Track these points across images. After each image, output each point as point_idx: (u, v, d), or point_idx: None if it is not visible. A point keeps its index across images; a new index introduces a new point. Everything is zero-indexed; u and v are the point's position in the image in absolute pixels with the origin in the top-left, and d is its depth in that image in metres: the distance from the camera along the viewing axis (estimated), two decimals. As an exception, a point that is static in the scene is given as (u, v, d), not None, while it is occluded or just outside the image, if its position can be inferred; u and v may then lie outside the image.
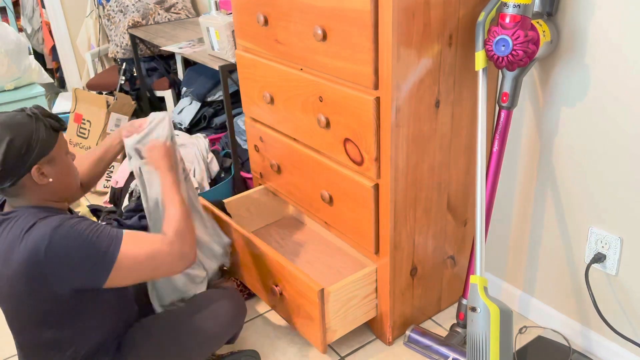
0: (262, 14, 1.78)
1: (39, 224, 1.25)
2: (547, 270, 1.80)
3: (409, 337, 1.76)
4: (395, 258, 1.69)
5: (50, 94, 4.24)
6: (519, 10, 1.38)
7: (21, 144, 1.25)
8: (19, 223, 1.27)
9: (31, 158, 1.27)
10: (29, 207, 1.32)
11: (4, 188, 1.29)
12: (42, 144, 1.28)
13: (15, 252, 1.24)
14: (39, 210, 1.31)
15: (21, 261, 1.24)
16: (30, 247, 1.23)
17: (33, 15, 4.40)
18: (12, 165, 1.25)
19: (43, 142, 1.29)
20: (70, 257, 1.24)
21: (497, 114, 1.58)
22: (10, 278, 1.27)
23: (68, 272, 1.25)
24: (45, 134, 1.29)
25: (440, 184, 1.70)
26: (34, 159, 1.27)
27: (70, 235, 1.24)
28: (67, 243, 1.24)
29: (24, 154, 1.26)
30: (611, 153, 1.51)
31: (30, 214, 1.29)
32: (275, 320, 1.98)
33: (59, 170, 1.34)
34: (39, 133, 1.28)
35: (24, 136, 1.26)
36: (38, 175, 1.29)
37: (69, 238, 1.24)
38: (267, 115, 1.98)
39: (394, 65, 1.41)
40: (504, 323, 1.47)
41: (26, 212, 1.30)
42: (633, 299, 1.58)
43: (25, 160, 1.26)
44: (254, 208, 2.21)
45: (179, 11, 3.38)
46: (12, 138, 1.24)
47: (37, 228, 1.25)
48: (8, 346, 1.94)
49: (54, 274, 1.24)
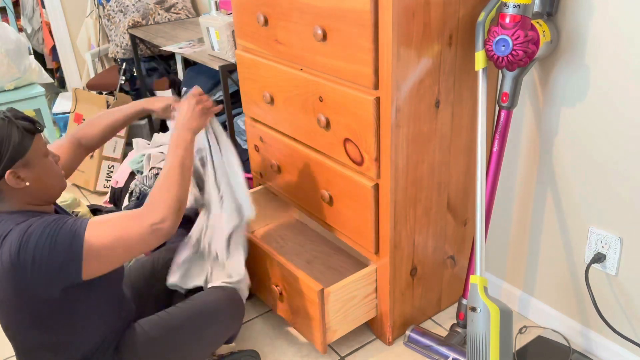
0: (262, 14, 1.78)
1: (14, 230, 1.24)
2: (547, 270, 1.80)
3: (409, 337, 1.76)
4: (395, 258, 1.69)
5: (50, 94, 4.24)
6: (519, 10, 1.38)
7: None
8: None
9: (2, 163, 1.24)
10: (10, 212, 1.30)
11: None
12: (15, 148, 1.25)
13: None
14: (19, 215, 1.28)
15: (1, 269, 1.23)
16: (6, 254, 1.22)
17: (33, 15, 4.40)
18: None
19: (16, 146, 1.25)
20: (40, 258, 1.21)
21: (497, 114, 1.58)
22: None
23: (44, 273, 1.22)
24: (19, 137, 1.25)
25: (440, 184, 1.70)
26: (6, 164, 1.24)
27: (35, 236, 1.22)
28: (35, 244, 1.21)
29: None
30: (611, 153, 1.51)
31: (10, 220, 1.27)
32: (275, 320, 1.98)
33: (37, 173, 1.30)
34: (11, 137, 1.25)
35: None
36: (14, 180, 1.26)
37: (34, 239, 1.22)
38: (267, 115, 1.98)
39: (394, 65, 1.41)
40: (504, 323, 1.47)
41: (6, 217, 1.28)
42: (633, 299, 1.58)
43: None
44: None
45: (179, 11, 3.38)
46: None
47: (11, 234, 1.23)
48: (8, 346, 1.94)
49: (33, 277, 1.22)
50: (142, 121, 3.37)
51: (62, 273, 1.23)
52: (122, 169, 2.60)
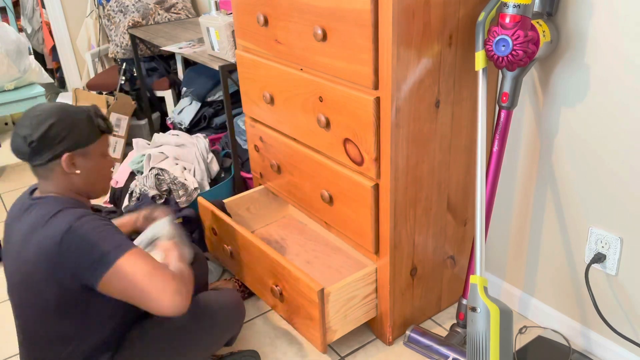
0: (262, 14, 1.78)
1: (64, 212, 1.32)
2: (547, 270, 1.80)
3: (409, 337, 1.76)
4: (395, 258, 1.69)
5: (50, 94, 4.24)
6: (519, 11, 1.38)
7: (62, 129, 1.34)
8: (45, 208, 1.34)
9: (65, 145, 1.35)
10: (55, 195, 1.38)
11: (35, 166, 1.36)
12: (81, 136, 1.37)
13: (36, 235, 1.30)
14: (66, 200, 1.37)
15: (38, 246, 1.29)
16: (50, 232, 1.28)
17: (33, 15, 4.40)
18: (47, 145, 1.33)
19: (83, 135, 1.37)
20: (79, 249, 1.28)
21: (497, 114, 1.58)
22: (27, 261, 1.31)
23: (74, 263, 1.28)
24: (89, 129, 1.38)
25: (440, 184, 1.70)
26: (68, 146, 1.35)
27: (86, 228, 1.29)
28: (81, 234, 1.28)
29: (61, 139, 1.34)
30: (611, 153, 1.51)
31: (58, 202, 1.35)
32: (275, 320, 1.98)
33: (90, 167, 1.41)
34: (82, 126, 1.37)
35: (67, 124, 1.35)
36: (69, 164, 1.36)
37: (84, 230, 1.29)
38: (267, 115, 1.98)
39: (394, 65, 1.41)
40: (504, 323, 1.47)
41: (54, 199, 1.36)
42: (633, 299, 1.58)
43: (59, 144, 1.34)
44: (254, 208, 2.21)
45: (179, 11, 3.38)
46: (55, 122, 1.33)
47: (62, 215, 1.31)
48: (8, 346, 1.94)
49: (64, 263, 1.28)
50: (142, 121, 3.37)
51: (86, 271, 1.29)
52: (122, 169, 2.60)
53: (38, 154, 1.34)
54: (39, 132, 1.32)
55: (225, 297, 1.62)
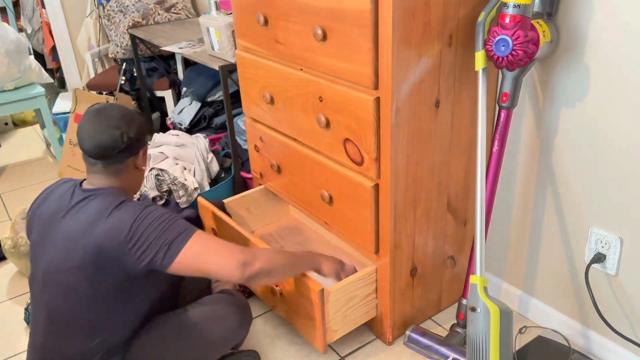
0: (262, 14, 1.78)
1: (128, 204, 1.38)
2: (547, 270, 1.80)
3: (409, 337, 1.76)
4: (395, 258, 1.69)
5: (50, 94, 4.24)
6: (519, 11, 1.38)
7: (145, 127, 1.48)
8: (106, 199, 1.39)
9: (143, 142, 1.47)
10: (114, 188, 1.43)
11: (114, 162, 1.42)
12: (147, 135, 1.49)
13: (100, 224, 1.33)
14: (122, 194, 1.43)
15: (104, 233, 1.32)
16: (116, 222, 1.33)
17: (33, 15, 4.40)
18: (138, 140, 1.44)
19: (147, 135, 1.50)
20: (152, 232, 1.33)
21: (497, 114, 1.58)
22: (86, 247, 1.33)
23: (145, 248, 1.32)
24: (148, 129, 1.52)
25: (440, 184, 1.70)
26: (143, 144, 1.47)
27: (156, 214, 1.36)
28: (153, 220, 1.35)
29: (144, 136, 1.47)
30: (611, 153, 1.51)
31: (116, 194, 1.41)
32: (275, 320, 1.98)
33: (144, 163, 1.52)
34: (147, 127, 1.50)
35: (144, 123, 1.48)
36: (142, 158, 1.48)
37: (155, 216, 1.36)
38: (267, 115, 1.98)
39: (394, 65, 1.41)
40: (504, 323, 1.47)
41: (113, 192, 1.41)
42: (633, 299, 1.58)
43: (142, 141, 1.46)
44: (254, 208, 2.21)
45: (179, 11, 3.38)
46: (141, 120, 1.45)
47: (126, 206, 1.37)
48: (8, 346, 1.94)
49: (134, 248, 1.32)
50: (142, 121, 3.37)
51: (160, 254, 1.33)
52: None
53: (129, 149, 1.42)
54: (134, 128, 1.41)
55: (233, 302, 1.62)
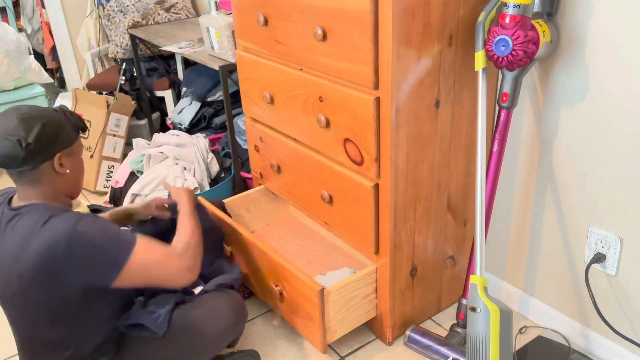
0: (262, 14, 1.78)
1: (55, 219, 1.30)
2: (547, 270, 1.80)
3: (409, 337, 1.76)
4: (395, 258, 1.69)
5: (50, 94, 4.23)
6: (519, 11, 1.38)
7: (52, 129, 1.34)
8: (32, 217, 1.31)
9: (57, 145, 1.35)
10: (39, 202, 1.36)
11: (25, 171, 1.33)
12: (67, 135, 1.38)
13: (30, 246, 1.27)
14: (51, 206, 1.35)
15: (36, 255, 1.26)
16: (46, 242, 1.26)
17: (33, 15, 4.40)
18: (42, 146, 1.32)
19: (68, 135, 1.38)
20: (88, 254, 1.28)
21: (497, 114, 1.58)
22: (22, 273, 1.29)
23: (82, 269, 1.28)
24: (70, 128, 1.39)
25: (440, 184, 1.70)
26: (58, 147, 1.35)
27: (89, 233, 1.29)
28: (87, 240, 1.28)
29: (53, 139, 1.34)
30: (611, 153, 1.51)
31: (44, 209, 1.33)
32: (275, 320, 1.98)
33: (75, 165, 1.42)
34: (65, 126, 1.38)
35: (56, 124, 1.35)
36: (58, 164, 1.36)
37: (88, 235, 1.29)
38: (267, 115, 1.98)
39: (394, 65, 1.41)
40: (504, 323, 1.47)
41: (38, 207, 1.34)
42: (633, 299, 1.58)
43: (52, 145, 1.34)
44: (254, 208, 2.21)
45: (179, 11, 3.38)
46: (45, 122, 1.33)
47: (54, 223, 1.28)
48: (8, 346, 1.94)
49: (69, 269, 1.27)
50: (142, 121, 3.37)
51: (99, 274, 1.30)
52: (122, 169, 2.60)
53: (33, 156, 1.30)
54: (34, 133, 1.29)
55: (227, 299, 1.62)
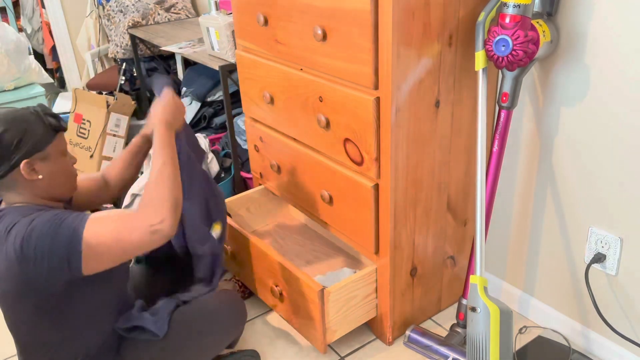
0: (262, 14, 1.78)
1: (21, 222, 1.25)
2: (547, 270, 1.80)
3: (409, 337, 1.76)
4: (395, 258, 1.69)
5: (50, 94, 4.24)
6: (519, 11, 1.38)
7: (12, 137, 1.26)
8: (4, 221, 1.27)
9: (21, 153, 1.27)
10: (19, 205, 1.32)
11: None
12: (36, 140, 1.29)
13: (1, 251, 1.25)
14: (28, 208, 1.30)
15: (6, 260, 1.24)
16: (11, 247, 1.23)
17: (33, 15, 4.40)
18: (2, 156, 1.26)
19: (38, 139, 1.30)
20: (42, 251, 1.22)
21: (497, 114, 1.58)
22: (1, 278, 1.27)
23: (46, 266, 1.23)
24: (43, 131, 1.30)
25: (440, 184, 1.70)
26: (25, 154, 1.28)
27: (37, 229, 1.23)
28: (37, 237, 1.22)
29: (14, 147, 1.27)
30: (611, 153, 1.51)
31: (18, 212, 1.28)
32: (275, 320, 1.98)
33: (52, 169, 1.34)
34: (35, 130, 1.29)
35: (18, 130, 1.27)
36: (28, 171, 1.29)
37: (37, 232, 1.23)
38: (267, 115, 1.98)
39: (394, 65, 1.41)
40: (504, 323, 1.47)
41: (15, 210, 1.30)
42: (633, 299, 1.58)
43: (14, 153, 1.27)
44: (254, 208, 2.21)
45: (179, 11, 3.38)
46: (5, 129, 1.26)
47: (17, 226, 1.24)
48: (8, 346, 1.94)
49: (36, 270, 1.23)
50: (142, 121, 3.37)
51: (62, 267, 1.24)
52: (122, 169, 2.59)
53: None
54: None
55: (227, 300, 1.62)
